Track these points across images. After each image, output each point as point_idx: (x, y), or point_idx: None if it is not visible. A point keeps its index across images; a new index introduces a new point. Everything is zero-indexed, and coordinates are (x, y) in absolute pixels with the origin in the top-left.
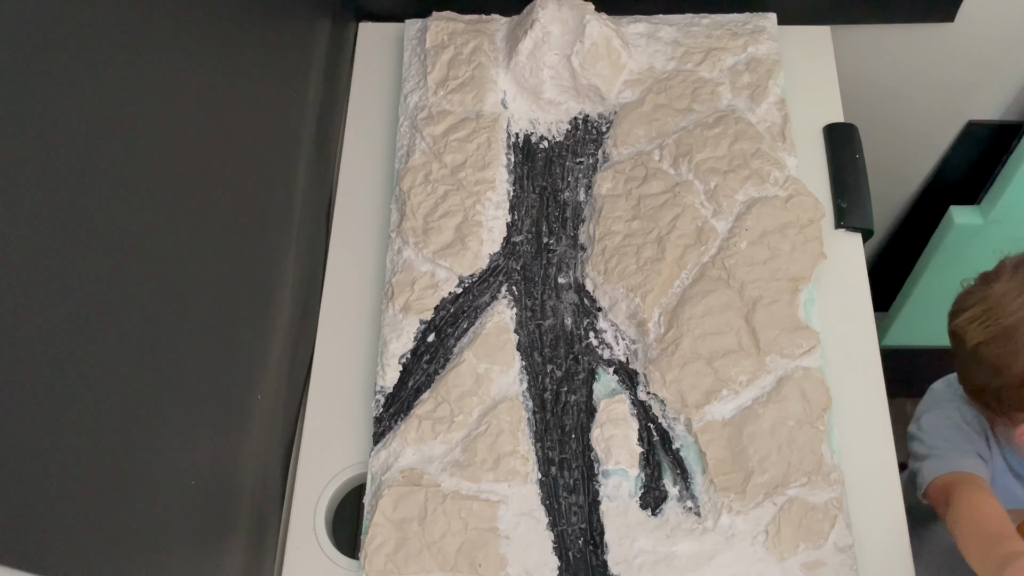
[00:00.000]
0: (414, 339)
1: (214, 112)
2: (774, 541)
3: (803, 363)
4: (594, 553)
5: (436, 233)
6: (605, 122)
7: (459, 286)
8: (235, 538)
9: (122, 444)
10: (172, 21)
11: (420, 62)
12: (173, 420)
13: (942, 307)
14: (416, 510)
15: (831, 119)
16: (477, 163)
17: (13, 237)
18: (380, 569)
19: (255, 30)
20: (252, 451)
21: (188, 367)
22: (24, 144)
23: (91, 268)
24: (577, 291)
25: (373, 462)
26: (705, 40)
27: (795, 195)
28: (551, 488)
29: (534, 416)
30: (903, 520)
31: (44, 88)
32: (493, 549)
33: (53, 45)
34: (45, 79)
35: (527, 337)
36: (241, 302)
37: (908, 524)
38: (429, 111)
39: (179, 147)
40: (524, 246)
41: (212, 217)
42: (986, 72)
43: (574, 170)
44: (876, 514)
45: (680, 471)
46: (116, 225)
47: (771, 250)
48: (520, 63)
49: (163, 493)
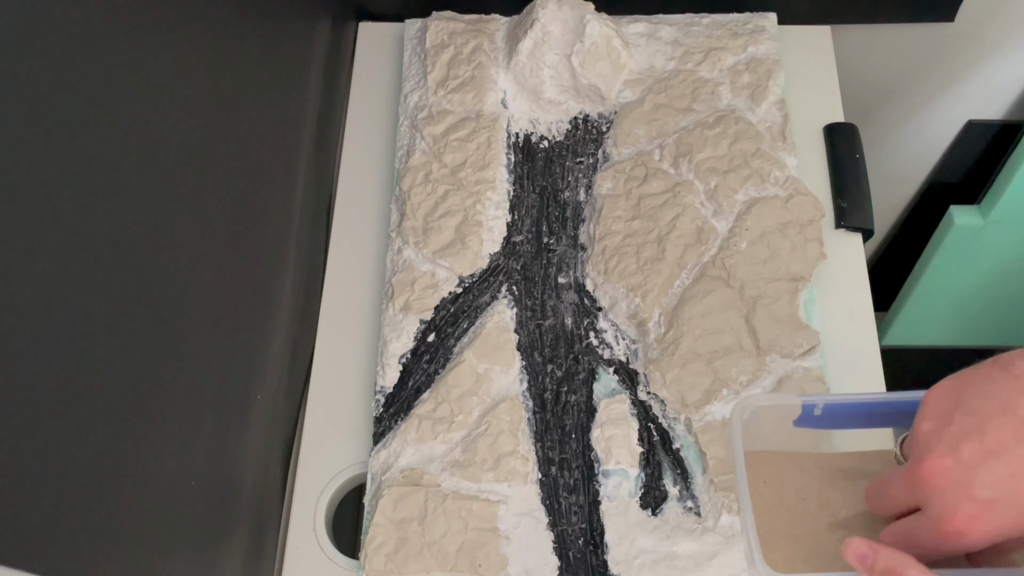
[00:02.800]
0: (414, 339)
1: (213, 112)
2: None
3: (803, 363)
4: (594, 553)
5: (436, 233)
6: (605, 122)
7: (459, 286)
8: (235, 538)
9: (122, 444)
10: (171, 21)
11: (420, 62)
12: (173, 420)
13: (942, 307)
14: (416, 510)
15: (831, 119)
16: (477, 163)
17: (12, 236)
18: (380, 569)
19: (255, 30)
20: (252, 451)
21: (188, 367)
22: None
23: (91, 268)
24: (577, 291)
25: (373, 462)
26: (705, 40)
27: (795, 195)
28: (551, 488)
29: (534, 416)
30: None
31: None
32: (493, 549)
33: (53, 45)
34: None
35: (527, 337)
36: (241, 302)
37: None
38: (429, 111)
39: (178, 147)
40: (524, 246)
41: (211, 217)
42: (986, 72)
43: (574, 170)
44: None
45: (680, 471)
46: (116, 226)
47: (771, 250)
48: (520, 63)
49: (163, 493)
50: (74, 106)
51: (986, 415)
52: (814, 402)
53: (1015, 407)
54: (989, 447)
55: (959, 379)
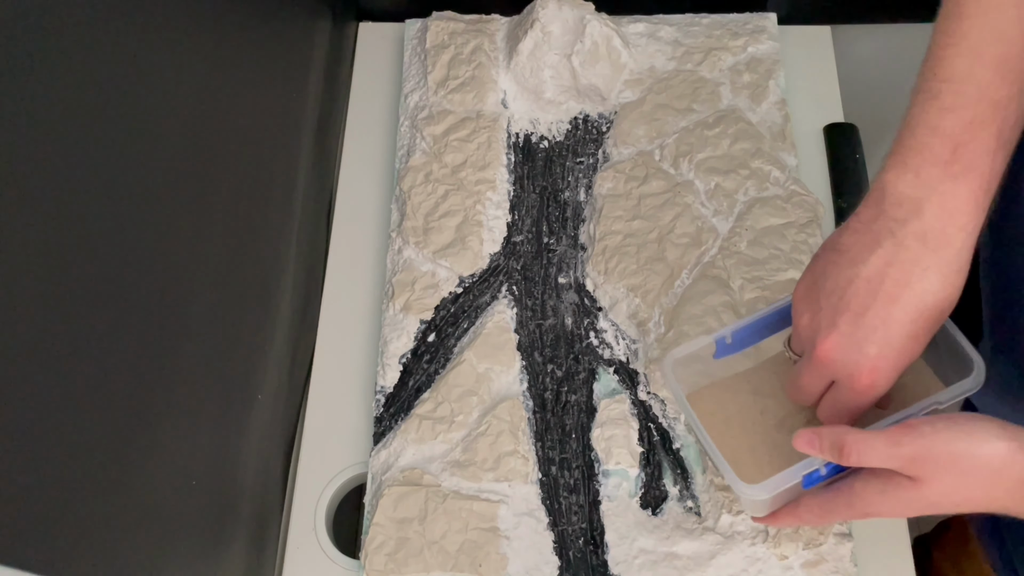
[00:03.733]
0: (414, 339)
1: (213, 112)
2: (774, 541)
3: None
4: (594, 553)
5: (436, 233)
6: (605, 122)
7: (459, 286)
8: (235, 538)
9: (122, 444)
10: (172, 21)
11: (420, 62)
12: (173, 420)
13: None
14: (416, 510)
15: (831, 119)
16: (477, 163)
17: (12, 235)
18: (380, 569)
19: (255, 30)
20: (252, 451)
21: (188, 367)
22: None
23: (91, 268)
24: (577, 291)
25: (373, 462)
26: (705, 40)
27: (795, 195)
28: (551, 488)
29: (534, 416)
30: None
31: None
32: (494, 549)
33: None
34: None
35: (527, 337)
36: (241, 302)
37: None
38: (429, 111)
39: (178, 147)
40: (524, 246)
41: (212, 217)
42: None
43: (574, 170)
44: None
45: (680, 471)
46: (116, 226)
47: (771, 250)
48: (520, 63)
49: (163, 493)
50: (75, 106)
51: (842, 289)
52: (723, 334)
53: (856, 274)
54: (856, 311)
55: (810, 273)
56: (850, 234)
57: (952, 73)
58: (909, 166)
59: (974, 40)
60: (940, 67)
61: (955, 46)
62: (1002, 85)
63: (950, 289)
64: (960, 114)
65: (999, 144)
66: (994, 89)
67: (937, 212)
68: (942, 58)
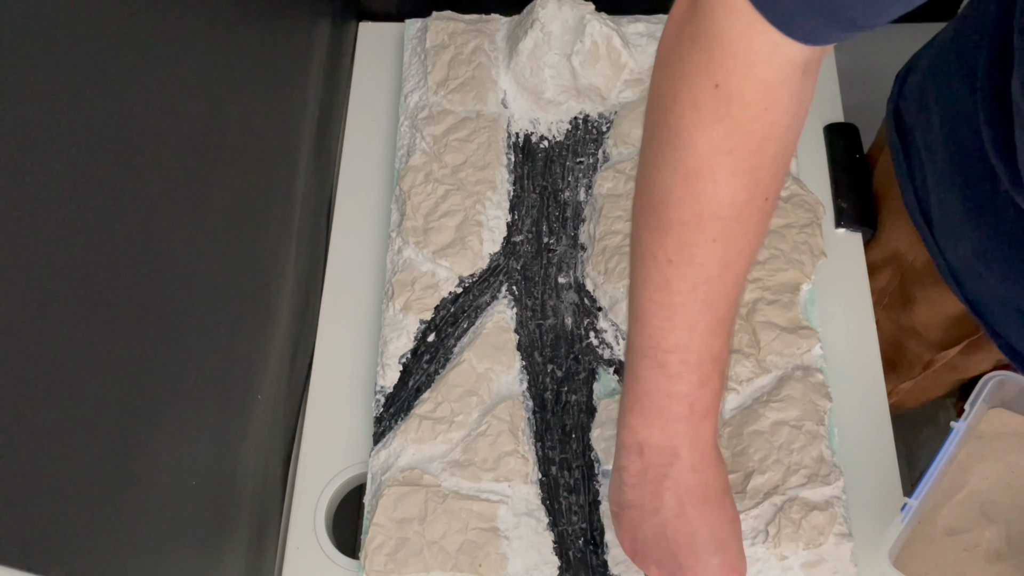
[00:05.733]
0: (414, 339)
1: (213, 112)
2: (774, 541)
3: (803, 363)
4: (594, 553)
5: (436, 233)
6: (605, 122)
7: (459, 286)
8: (235, 538)
9: (122, 444)
10: (172, 21)
11: (420, 62)
12: (173, 420)
13: None
14: (416, 510)
15: (831, 119)
16: (477, 163)
17: (13, 236)
18: (380, 569)
19: (255, 30)
20: (252, 451)
21: (188, 367)
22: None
23: (92, 268)
24: (577, 291)
25: (373, 462)
26: None
27: (795, 195)
28: (551, 488)
29: (534, 416)
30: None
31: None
32: (493, 549)
33: (55, 46)
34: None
35: (527, 337)
36: (241, 302)
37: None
38: (429, 111)
39: (178, 147)
40: (524, 246)
41: (212, 217)
42: None
43: (574, 170)
44: (876, 514)
45: None
46: (117, 226)
47: (771, 250)
48: (520, 63)
49: (163, 493)
50: (75, 106)
51: (661, 537)
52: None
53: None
54: (685, 544)
55: (626, 533)
56: (631, 489)
57: (674, 344)
58: (655, 424)
59: (690, 315)
60: (662, 338)
61: (671, 319)
62: (716, 341)
63: (721, 479)
64: (689, 378)
65: (723, 381)
66: (712, 347)
67: (691, 449)
68: (661, 329)
